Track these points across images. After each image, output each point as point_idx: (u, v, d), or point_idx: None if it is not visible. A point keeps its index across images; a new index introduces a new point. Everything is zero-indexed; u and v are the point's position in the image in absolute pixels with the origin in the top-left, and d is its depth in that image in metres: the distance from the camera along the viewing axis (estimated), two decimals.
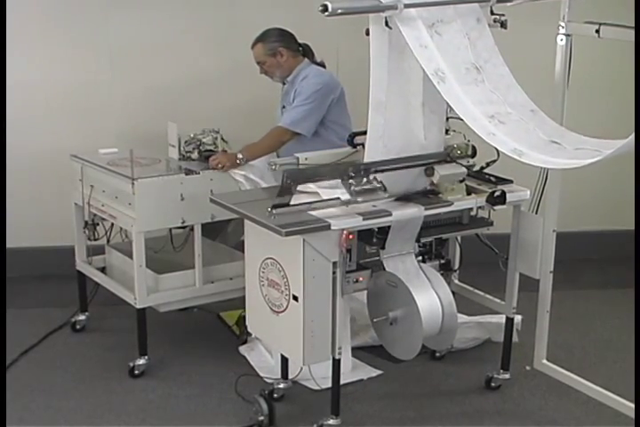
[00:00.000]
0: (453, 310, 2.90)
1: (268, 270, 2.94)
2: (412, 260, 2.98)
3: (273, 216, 2.76)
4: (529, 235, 3.12)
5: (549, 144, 2.53)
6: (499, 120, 2.57)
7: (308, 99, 3.55)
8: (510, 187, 3.09)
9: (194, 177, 3.46)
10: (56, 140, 4.18)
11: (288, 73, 3.69)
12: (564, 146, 2.52)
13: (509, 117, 2.59)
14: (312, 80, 3.59)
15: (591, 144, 2.49)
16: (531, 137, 2.56)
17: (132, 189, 3.36)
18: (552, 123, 2.65)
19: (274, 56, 3.66)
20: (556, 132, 2.59)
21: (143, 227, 3.41)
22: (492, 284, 3.33)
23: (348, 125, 3.67)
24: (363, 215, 2.81)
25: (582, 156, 2.44)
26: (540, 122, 2.63)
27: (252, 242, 3.02)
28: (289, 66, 3.68)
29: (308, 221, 2.77)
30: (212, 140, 3.63)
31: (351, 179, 2.82)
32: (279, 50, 3.66)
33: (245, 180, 3.50)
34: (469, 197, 3.02)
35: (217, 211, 3.22)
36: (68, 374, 3.51)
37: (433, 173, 2.93)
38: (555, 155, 2.48)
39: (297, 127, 3.56)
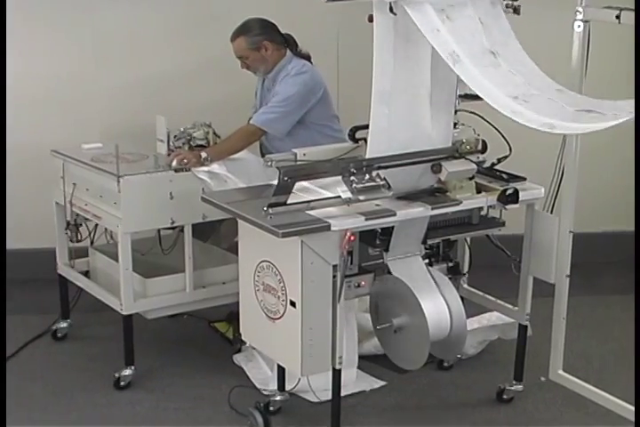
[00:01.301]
0: (462, 317, 2.91)
1: (264, 274, 2.94)
2: (418, 263, 2.99)
3: (269, 216, 2.77)
4: (543, 236, 3.12)
5: (583, 113, 2.53)
6: (523, 100, 2.57)
7: (286, 100, 3.56)
8: (523, 184, 3.10)
9: (184, 174, 3.46)
10: (36, 135, 4.18)
11: (272, 67, 3.68)
12: (600, 112, 2.52)
13: (534, 98, 2.59)
14: (291, 80, 3.59)
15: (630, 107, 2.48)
16: (560, 111, 2.55)
17: (118, 186, 3.36)
18: (584, 98, 2.65)
19: (257, 50, 3.65)
20: (589, 103, 2.59)
21: (129, 227, 3.41)
22: (503, 288, 3.34)
23: (331, 124, 3.69)
24: (365, 215, 2.82)
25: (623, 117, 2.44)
26: (569, 99, 2.63)
27: (247, 244, 3.03)
28: (273, 60, 3.68)
29: (307, 221, 2.77)
30: (204, 134, 3.63)
31: (352, 176, 2.82)
32: (263, 44, 3.64)
33: (210, 178, 3.46)
34: (479, 195, 3.02)
35: (209, 210, 3.23)
36: (48, 386, 3.52)
37: (440, 170, 2.93)
38: (590, 121, 2.48)
39: (270, 128, 3.57)
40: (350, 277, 2.91)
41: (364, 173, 2.83)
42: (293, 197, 2.85)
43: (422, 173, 2.96)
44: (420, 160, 2.92)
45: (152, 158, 3.59)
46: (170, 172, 3.44)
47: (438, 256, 3.18)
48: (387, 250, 2.95)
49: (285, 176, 2.77)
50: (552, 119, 2.52)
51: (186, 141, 3.62)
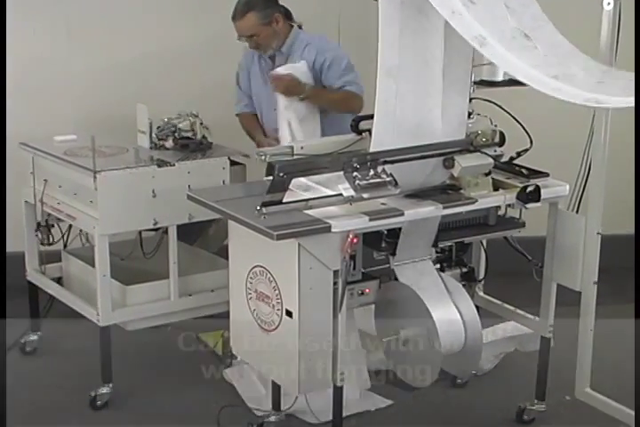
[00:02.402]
0: (477, 328, 2.92)
1: (257, 281, 2.94)
2: (429, 268, 2.99)
3: (262, 216, 2.76)
4: (568, 238, 3.13)
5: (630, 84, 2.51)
6: (563, 79, 2.57)
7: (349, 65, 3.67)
8: (546, 181, 3.10)
9: (168, 169, 3.47)
10: None
11: (283, 42, 3.74)
12: None
13: (575, 77, 2.58)
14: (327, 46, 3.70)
15: None
16: (609, 87, 2.55)
17: (94, 183, 3.36)
18: None
19: (270, 24, 3.70)
20: None
21: (107, 229, 3.41)
22: (523, 297, 3.34)
23: None
24: (369, 215, 2.81)
25: None
26: (617, 76, 2.62)
27: (238, 247, 3.03)
28: (284, 33, 3.74)
29: (305, 221, 2.77)
30: (190, 125, 3.64)
31: (355, 171, 2.82)
32: (275, 16, 3.70)
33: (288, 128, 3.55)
34: (497, 192, 3.03)
35: (195, 210, 3.24)
36: (16, 407, 3.49)
37: (453, 165, 2.93)
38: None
39: None
40: (353, 284, 2.92)
41: (368, 168, 2.83)
42: (290, 194, 2.85)
43: (433, 168, 2.96)
44: (431, 154, 2.93)
45: (132, 152, 3.61)
46: (152, 167, 3.44)
47: (451, 261, 3.20)
48: (393, 254, 2.95)
49: (281, 172, 2.76)
50: (601, 95, 2.51)
51: (170, 133, 3.63)
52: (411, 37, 2.78)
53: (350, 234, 2.77)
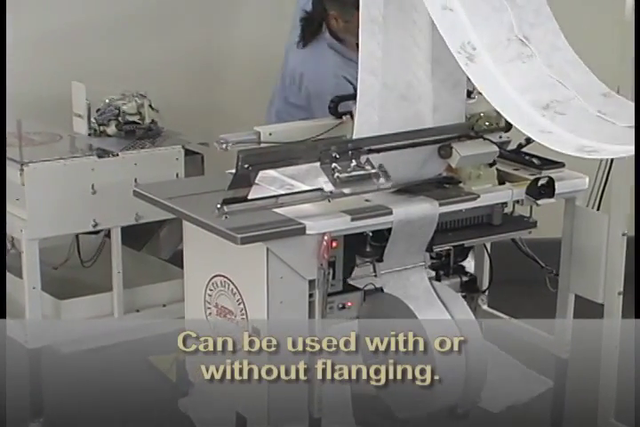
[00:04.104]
0: (481, 348, 2.92)
1: (218, 293, 2.95)
2: (422, 277, 2.99)
3: (223, 216, 2.74)
4: (588, 241, 3.13)
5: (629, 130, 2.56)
6: (556, 111, 2.62)
7: None
8: (561, 172, 3.10)
9: (110, 160, 3.47)
10: None
11: None
12: None
13: (571, 104, 2.63)
14: None
15: None
16: (603, 127, 2.61)
17: (21, 177, 3.35)
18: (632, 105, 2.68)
19: None
20: None
21: (37, 232, 3.41)
22: (535, 310, 3.34)
23: None
24: (351, 214, 2.81)
25: None
26: (616, 107, 2.66)
27: (195, 253, 3.04)
28: None
29: (274, 222, 2.77)
30: (136, 107, 3.64)
31: (335, 162, 2.81)
32: None
33: None
34: (502, 186, 3.03)
35: (144, 209, 3.26)
36: None
37: (450, 154, 2.92)
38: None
39: None
40: (333, 297, 2.91)
41: (349, 158, 2.82)
42: (257, 190, 2.83)
43: (427, 158, 2.96)
44: (424, 141, 2.92)
45: (67, 140, 3.60)
46: (92, 157, 3.44)
47: (448, 268, 3.20)
48: (380, 260, 2.95)
49: (245, 163, 2.74)
50: (592, 141, 2.56)
51: (112, 117, 3.62)
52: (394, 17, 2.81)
53: (326, 236, 2.76)
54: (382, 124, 2.90)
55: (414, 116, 2.93)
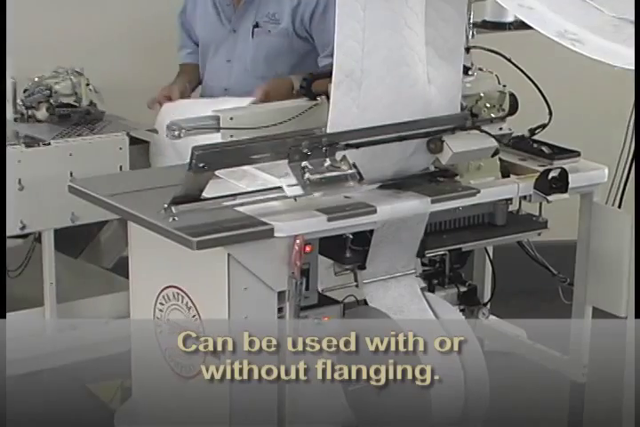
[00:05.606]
0: (481, 368, 2.94)
1: (170, 307, 2.96)
2: (412, 287, 3.01)
3: (171, 218, 2.74)
4: (608, 243, 3.14)
5: None
6: None
7: None
8: (576, 163, 3.13)
9: (40, 150, 3.50)
10: None
11: None
12: None
13: None
14: None
15: None
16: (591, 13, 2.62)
17: None
18: None
19: None
20: None
21: None
22: (546, 326, 3.33)
23: None
24: (328, 213, 2.81)
25: None
26: None
27: (142, 260, 3.05)
28: None
29: (236, 222, 2.76)
30: (71, 87, 3.67)
31: (306, 160, 2.81)
32: None
33: None
34: (507, 180, 3.07)
35: (81, 208, 3.29)
36: None
37: (441, 149, 2.94)
38: None
39: None
40: (306, 311, 2.91)
41: (323, 154, 2.82)
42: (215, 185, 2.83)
43: (414, 150, 2.97)
44: (412, 134, 2.92)
45: None
46: (18, 147, 3.45)
47: (444, 276, 3.21)
48: (362, 267, 2.96)
49: (201, 162, 2.73)
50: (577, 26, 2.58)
51: (43, 98, 3.64)
52: None
53: (301, 240, 2.76)
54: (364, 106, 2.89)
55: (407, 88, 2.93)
